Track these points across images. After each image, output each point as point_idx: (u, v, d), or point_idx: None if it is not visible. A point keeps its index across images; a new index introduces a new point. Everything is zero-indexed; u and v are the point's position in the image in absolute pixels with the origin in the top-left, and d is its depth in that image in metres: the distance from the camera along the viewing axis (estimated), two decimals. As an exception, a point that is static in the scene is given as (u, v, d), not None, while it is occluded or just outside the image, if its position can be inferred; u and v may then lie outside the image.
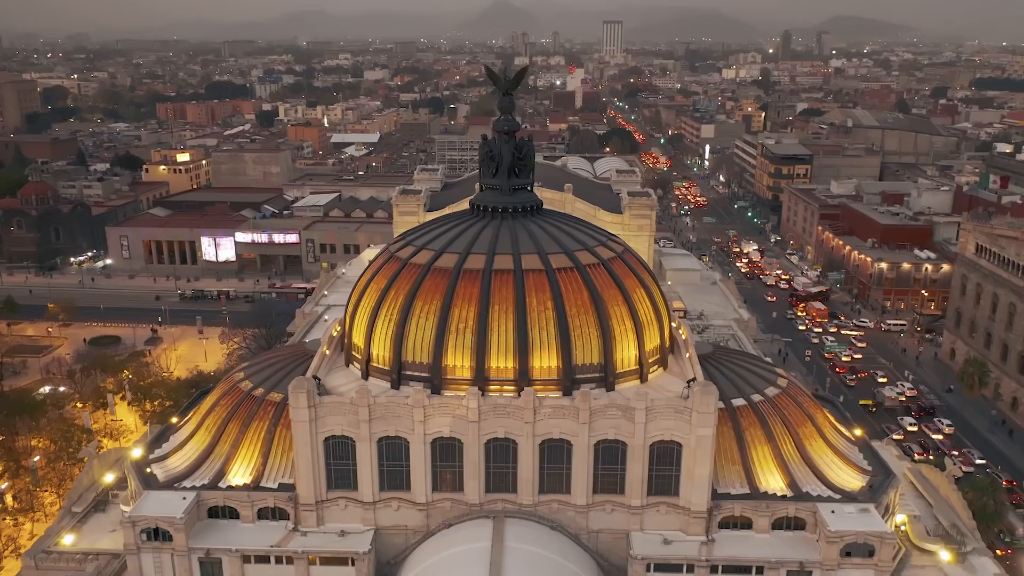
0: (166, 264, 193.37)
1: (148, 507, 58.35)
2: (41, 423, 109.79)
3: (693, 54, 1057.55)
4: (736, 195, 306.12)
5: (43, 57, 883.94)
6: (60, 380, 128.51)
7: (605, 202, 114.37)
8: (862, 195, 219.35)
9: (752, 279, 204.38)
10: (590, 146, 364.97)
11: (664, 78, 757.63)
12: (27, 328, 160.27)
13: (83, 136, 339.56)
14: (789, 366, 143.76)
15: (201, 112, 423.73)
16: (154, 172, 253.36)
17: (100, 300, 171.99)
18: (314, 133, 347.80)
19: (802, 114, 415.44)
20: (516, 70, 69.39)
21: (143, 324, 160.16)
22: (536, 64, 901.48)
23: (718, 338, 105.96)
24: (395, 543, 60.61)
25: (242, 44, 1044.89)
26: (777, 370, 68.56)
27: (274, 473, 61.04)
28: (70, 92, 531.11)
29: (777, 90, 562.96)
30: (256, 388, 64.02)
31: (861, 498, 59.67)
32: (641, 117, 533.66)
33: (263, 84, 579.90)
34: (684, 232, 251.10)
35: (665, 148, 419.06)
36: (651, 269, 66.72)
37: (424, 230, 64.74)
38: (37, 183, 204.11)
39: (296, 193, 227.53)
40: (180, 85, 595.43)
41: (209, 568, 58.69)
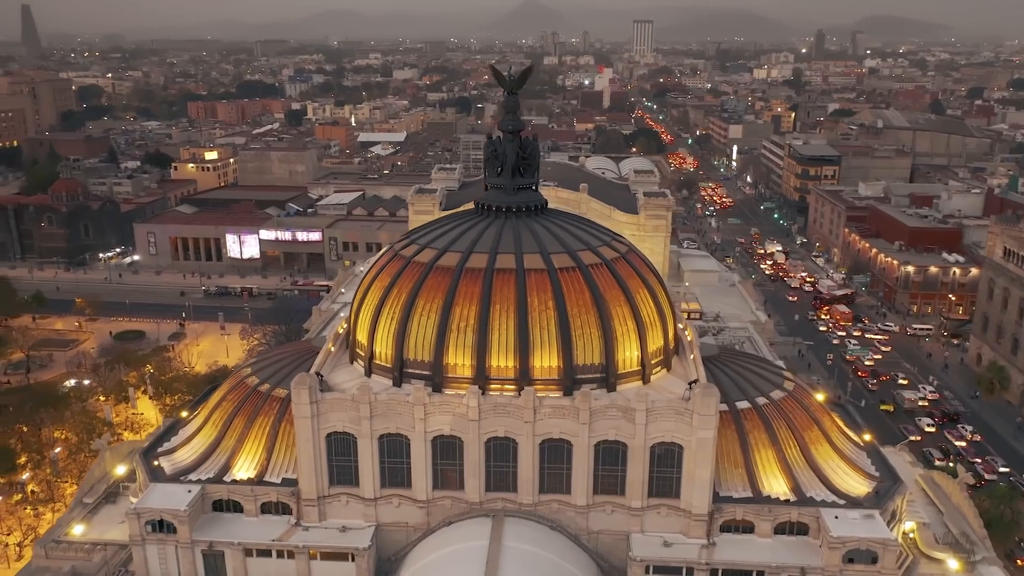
0: (192, 261, 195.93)
1: (153, 499, 59.27)
2: (65, 415, 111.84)
3: (724, 54, 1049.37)
4: (763, 196, 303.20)
5: (80, 56, 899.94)
6: (84, 374, 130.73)
7: (621, 202, 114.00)
8: (890, 197, 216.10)
9: (776, 281, 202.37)
10: (616, 146, 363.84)
11: (694, 78, 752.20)
12: (56, 322, 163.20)
13: (116, 134, 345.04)
14: (810, 369, 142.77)
15: (231, 111, 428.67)
16: (183, 170, 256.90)
17: (126, 296, 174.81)
18: (341, 132, 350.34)
19: (833, 115, 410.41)
20: (522, 70, 68.84)
21: (167, 319, 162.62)
22: (565, 64, 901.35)
23: (733, 340, 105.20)
24: (396, 540, 60.95)
25: (274, 44, 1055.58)
26: (784, 373, 67.85)
27: (278, 468, 61.68)
28: (104, 91, 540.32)
29: (807, 90, 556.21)
30: (262, 384, 64.78)
31: (866, 504, 58.85)
32: (669, 117, 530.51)
33: (293, 83, 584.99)
34: (708, 233, 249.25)
35: (692, 149, 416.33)
36: (656, 270, 66.22)
37: (428, 229, 64.99)
38: (68, 180, 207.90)
39: (320, 191, 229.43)
40: (212, 84, 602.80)
41: (212, 560, 59.46)
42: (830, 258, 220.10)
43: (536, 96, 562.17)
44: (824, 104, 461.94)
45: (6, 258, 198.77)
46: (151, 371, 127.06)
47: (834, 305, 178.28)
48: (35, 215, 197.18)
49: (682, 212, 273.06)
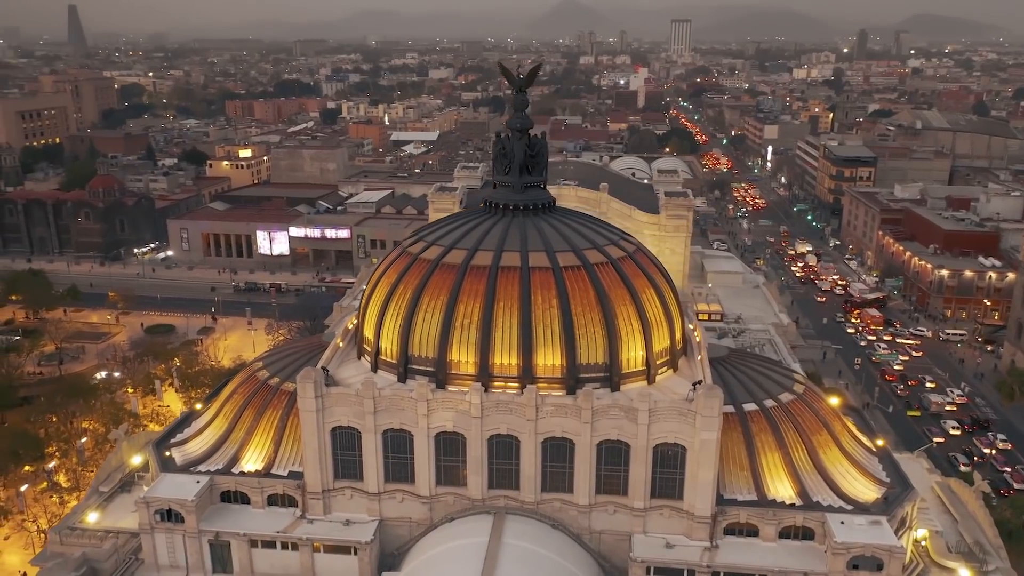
0: (223, 257, 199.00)
1: (162, 489, 60.43)
2: (93, 406, 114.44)
3: (764, 53, 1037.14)
4: (796, 198, 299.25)
5: (124, 56, 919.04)
6: (114, 366, 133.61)
7: (643, 202, 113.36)
8: (927, 199, 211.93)
9: (806, 284, 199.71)
10: (649, 146, 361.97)
11: (732, 78, 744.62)
12: (90, 315, 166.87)
13: (155, 132, 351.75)
14: (835, 373, 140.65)
15: (268, 109, 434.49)
16: (217, 167, 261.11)
17: (158, 290, 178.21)
18: (375, 131, 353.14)
19: (872, 115, 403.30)
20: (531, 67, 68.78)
21: (197, 314, 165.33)
22: (601, 63, 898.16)
23: (753, 343, 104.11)
24: (399, 534, 61.39)
25: (313, 43, 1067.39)
26: (795, 376, 66.98)
27: (285, 461, 62.48)
28: (146, 89, 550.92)
29: (846, 90, 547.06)
30: (272, 377, 65.69)
31: (874, 510, 57.86)
32: (705, 117, 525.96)
33: (330, 83, 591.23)
34: (739, 234, 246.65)
35: (727, 149, 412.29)
36: (664, 270, 65.71)
37: (437, 226, 65.33)
38: (105, 176, 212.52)
39: (351, 190, 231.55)
40: (251, 83, 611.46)
41: (219, 550, 60.45)
42: (863, 261, 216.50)
43: (571, 96, 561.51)
44: (864, 105, 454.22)
45: (45, 252, 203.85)
46: (178, 364, 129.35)
47: (865, 309, 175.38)
48: (73, 210, 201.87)
49: (713, 213, 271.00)
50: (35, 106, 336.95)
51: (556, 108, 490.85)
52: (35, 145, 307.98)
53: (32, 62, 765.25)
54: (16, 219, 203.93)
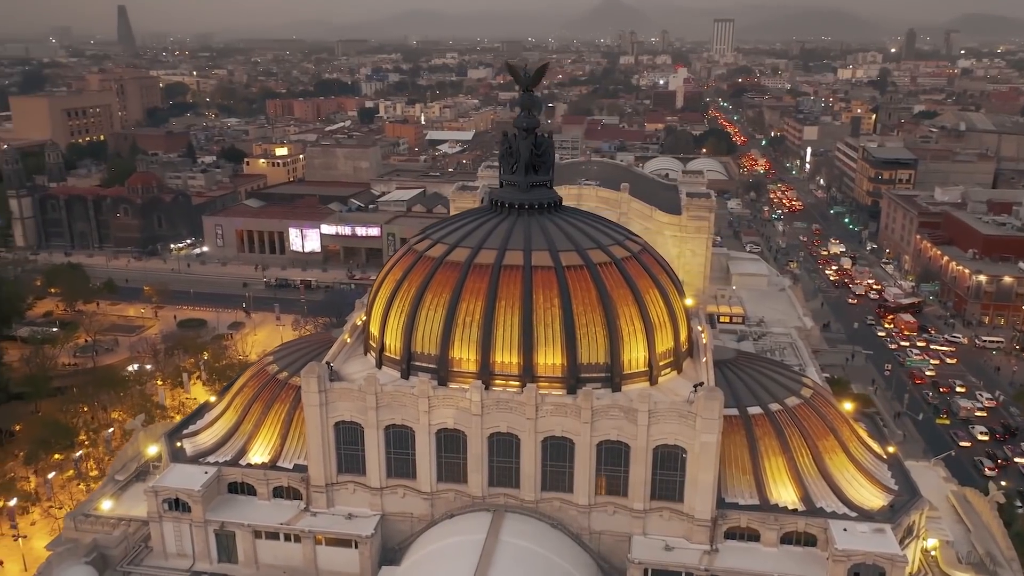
0: (256, 253, 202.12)
1: (171, 479, 61.80)
2: (123, 397, 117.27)
3: (808, 53, 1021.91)
4: (834, 200, 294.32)
5: (171, 55, 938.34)
6: (146, 358, 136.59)
7: (664, 203, 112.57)
8: (967, 203, 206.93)
9: (840, 288, 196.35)
10: (685, 147, 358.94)
11: (774, 78, 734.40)
12: (127, 309, 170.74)
13: (196, 130, 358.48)
14: (866, 378, 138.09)
15: (307, 108, 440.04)
16: (254, 165, 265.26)
17: (192, 285, 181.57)
18: (410, 130, 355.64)
19: (917, 116, 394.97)
20: (538, 66, 68.91)
21: (229, 309, 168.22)
22: (641, 63, 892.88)
23: (774, 346, 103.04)
24: (401, 529, 61.94)
25: (355, 43, 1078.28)
26: (804, 380, 66.06)
27: (291, 454, 63.44)
28: (190, 88, 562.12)
29: (889, 91, 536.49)
30: (281, 372, 66.75)
31: (879, 518, 56.86)
32: (744, 118, 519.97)
33: (369, 82, 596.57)
34: (774, 237, 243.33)
35: (765, 150, 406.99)
36: (671, 270, 65.36)
37: (444, 225, 65.79)
38: (143, 173, 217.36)
39: (383, 188, 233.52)
40: (292, 83, 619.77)
41: (224, 540, 61.61)
42: (900, 265, 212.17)
43: (609, 96, 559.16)
44: (909, 106, 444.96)
45: (85, 246, 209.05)
46: (206, 358, 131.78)
47: (899, 314, 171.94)
48: (112, 206, 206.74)
49: (747, 215, 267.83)
50: (81, 104, 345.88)
51: (593, 108, 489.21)
52: (80, 142, 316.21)
53: (82, 61, 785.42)
54: (58, 214, 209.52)
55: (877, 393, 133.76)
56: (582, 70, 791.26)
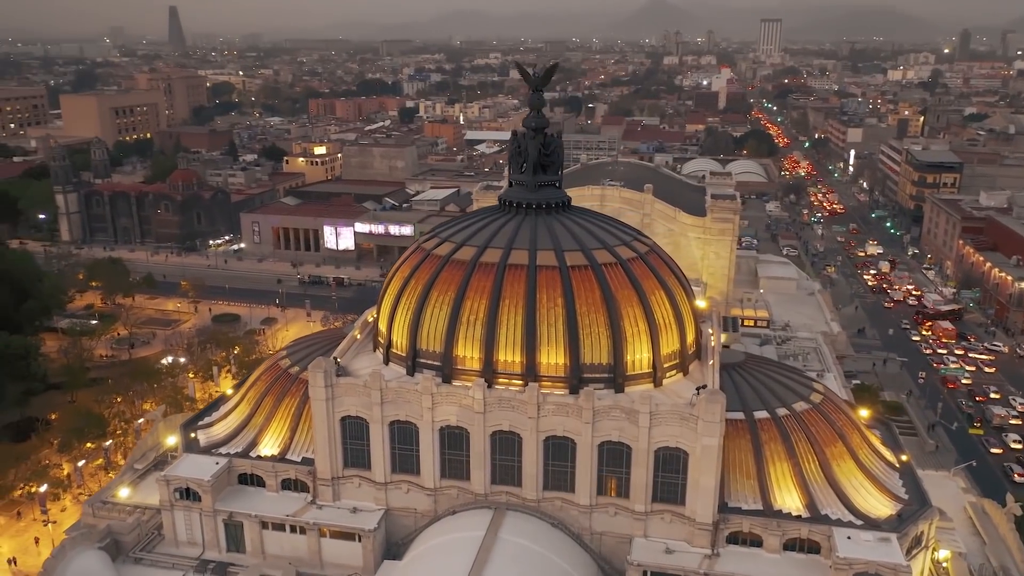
0: (291, 250, 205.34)
1: (183, 468, 63.29)
2: (156, 389, 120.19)
3: (858, 54, 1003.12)
4: (876, 204, 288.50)
5: (219, 55, 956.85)
6: (179, 352, 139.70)
7: (689, 204, 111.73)
8: (1014, 208, 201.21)
9: (878, 293, 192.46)
10: (725, 148, 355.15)
11: (821, 79, 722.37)
12: (167, 303, 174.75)
13: (240, 128, 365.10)
14: (897, 385, 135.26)
15: (349, 108, 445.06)
16: (293, 163, 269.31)
17: (228, 280, 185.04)
18: (449, 130, 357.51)
19: (967, 119, 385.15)
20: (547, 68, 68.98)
21: (263, 304, 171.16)
22: (685, 63, 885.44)
23: (797, 351, 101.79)
24: (405, 524, 62.56)
25: (399, 43, 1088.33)
26: (814, 385, 65.05)
27: (299, 447, 64.50)
28: (235, 87, 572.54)
29: (938, 93, 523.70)
30: (293, 366, 67.84)
31: (885, 527, 55.83)
32: (788, 119, 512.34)
33: (412, 82, 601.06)
34: (812, 240, 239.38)
35: (808, 152, 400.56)
36: (680, 272, 64.86)
37: (453, 224, 66.31)
38: (184, 170, 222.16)
39: (417, 187, 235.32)
40: (336, 82, 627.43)
41: (232, 530, 62.90)
42: (942, 271, 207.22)
43: (651, 96, 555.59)
44: (960, 108, 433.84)
45: (128, 242, 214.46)
46: (237, 352, 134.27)
47: (937, 321, 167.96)
48: (153, 202, 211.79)
49: (786, 218, 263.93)
50: (128, 103, 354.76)
51: (634, 109, 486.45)
52: (127, 140, 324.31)
53: (133, 61, 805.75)
54: (102, 210, 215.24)
55: (911, 401, 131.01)
56: (624, 70, 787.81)
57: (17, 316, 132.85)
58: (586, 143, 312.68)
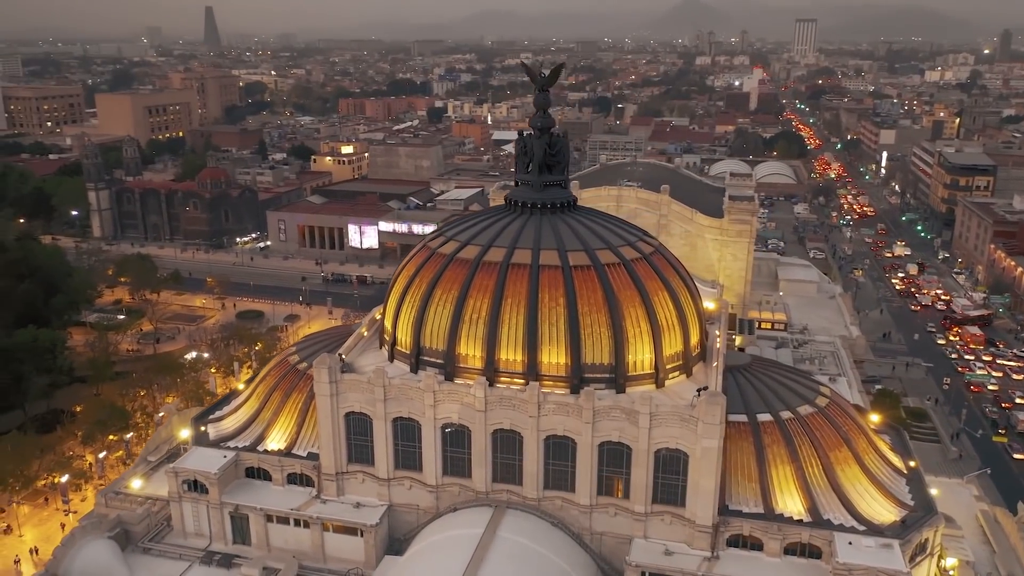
0: (316, 248, 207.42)
1: (191, 461, 64.44)
2: (178, 384, 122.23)
3: (895, 55, 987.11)
4: (907, 206, 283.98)
5: (253, 55, 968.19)
6: (203, 347, 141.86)
7: (707, 205, 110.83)
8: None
9: (906, 297, 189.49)
10: (754, 149, 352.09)
11: (856, 80, 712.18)
12: (194, 299, 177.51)
13: (271, 128, 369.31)
14: (922, 391, 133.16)
15: (378, 107, 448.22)
16: (321, 162, 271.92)
17: (253, 278, 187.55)
18: (477, 130, 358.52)
19: (1005, 121, 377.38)
20: (553, 67, 69.07)
21: (286, 302, 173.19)
22: (718, 64, 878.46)
23: (814, 354, 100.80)
24: (408, 520, 63.07)
25: (431, 43, 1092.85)
26: (821, 388, 64.38)
27: (305, 442, 65.32)
28: (267, 87, 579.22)
29: (974, 94, 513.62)
30: (301, 362, 68.68)
31: (888, 533, 55.17)
32: (821, 120, 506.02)
33: (442, 82, 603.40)
34: (840, 243, 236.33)
35: (840, 154, 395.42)
36: (685, 273, 64.57)
37: (460, 223, 66.70)
38: (213, 169, 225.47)
39: (442, 187, 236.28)
40: (367, 82, 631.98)
41: (238, 522, 63.88)
42: (972, 276, 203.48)
43: (681, 97, 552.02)
44: (998, 110, 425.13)
45: (157, 238, 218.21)
46: (258, 348, 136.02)
47: (965, 326, 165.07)
48: (182, 200, 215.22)
49: (814, 220, 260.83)
50: (161, 101, 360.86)
51: (664, 109, 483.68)
52: (160, 138, 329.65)
53: (169, 60, 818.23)
54: (133, 207, 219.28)
55: (938, 407, 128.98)
56: (656, 71, 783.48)
57: (46, 310, 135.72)
58: (612, 143, 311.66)
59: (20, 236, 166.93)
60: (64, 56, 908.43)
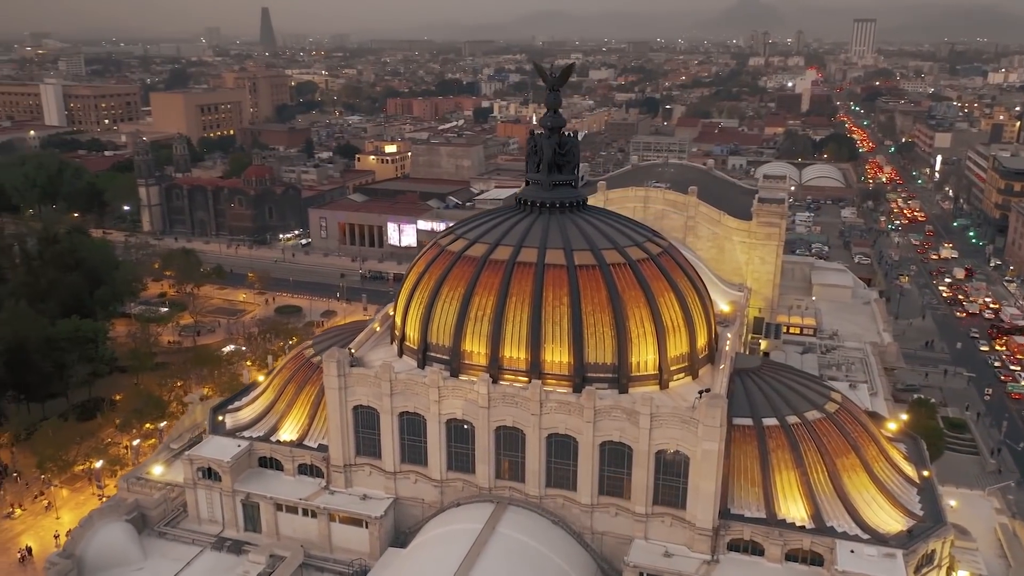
0: (356, 246, 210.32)
1: (206, 449, 66.26)
2: (214, 376, 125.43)
3: (958, 56, 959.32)
4: (960, 212, 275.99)
5: (307, 55, 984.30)
6: (240, 340, 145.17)
7: (737, 208, 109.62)
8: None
9: (952, 304, 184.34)
10: (803, 151, 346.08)
11: (916, 81, 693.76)
12: (237, 293, 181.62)
13: (319, 127, 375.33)
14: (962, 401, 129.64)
15: (425, 107, 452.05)
16: (364, 161, 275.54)
17: (293, 274, 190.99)
18: (521, 130, 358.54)
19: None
20: (564, 66, 69.18)
21: (324, 298, 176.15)
22: (772, 65, 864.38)
23: (842, 360, 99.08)
24: (413, 514, 63.93)
25: (482, 44, 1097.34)
26: (832, 394, 63.32)
27: (316, 434, 66.65)
28: (319, 87, 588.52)
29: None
30: (316, 356, 70.05)
31: (893, 542, 54.14)
32: (875, 123, 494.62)
33: (490, 82, 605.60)
34: (887, 248, 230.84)
35: (893, 157, 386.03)
36: (695, 274, 64.07)
37: (471, 221, 67.31)
38: (258, 166, 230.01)
39: (482, 186, 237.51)
40: (416, 82, 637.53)
41: (250, 510, 65.50)
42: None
43: (731, 98, 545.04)
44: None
45: (204, 234, 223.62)
46: (293, 342, 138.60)
47: (1013, 336, 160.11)
48: (228, 196, 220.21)
49: (861, 224, 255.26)
50: (213, 100, 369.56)
51: (713, 111, 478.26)
52: (211, 136, 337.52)
53: (225, 60, 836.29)
54: (181, 202, 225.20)
55: (980, 419, 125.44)
56: (707, 71, 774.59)
57: (91, 302, 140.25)
58: (656, 144, 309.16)
59: (71, 229, 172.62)
60: (125, 56, 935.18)
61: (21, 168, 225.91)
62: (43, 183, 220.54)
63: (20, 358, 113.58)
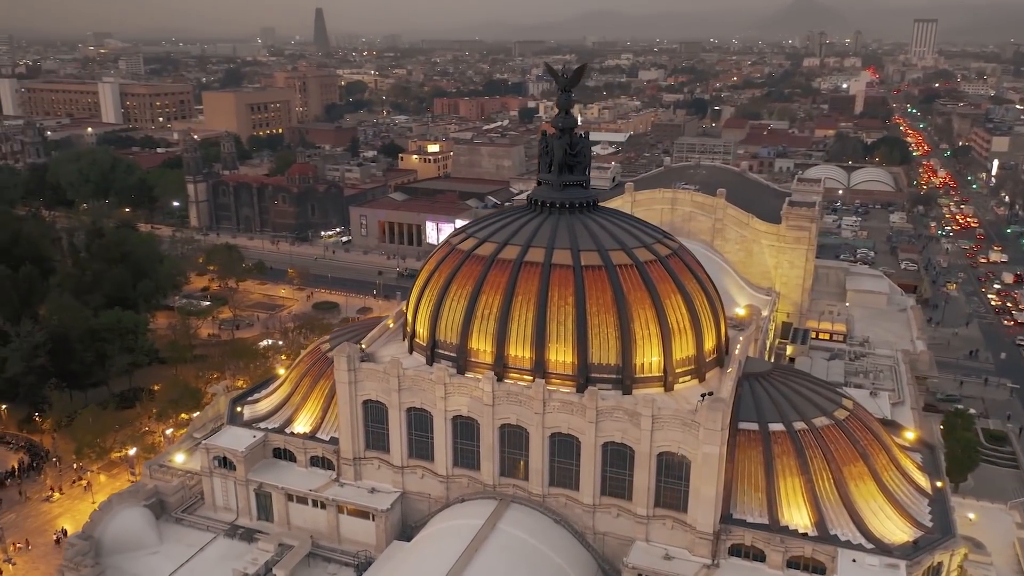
0: (395, 244, 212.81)
1: (223, 439, 68.13)
2: (249, 368, 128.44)
3: (1023, 57, 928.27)
4: (1015, 218, 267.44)
5: (359, 55, 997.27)
6: (276, 335, 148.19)
7: (766, 211, 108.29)
8: None
9: (1001, 313, 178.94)
10: (854, 154, 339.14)
11: (977, 83, 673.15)
12: (278, 289, 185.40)
13: (366, 126, 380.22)
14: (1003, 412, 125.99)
15: (472, 107, 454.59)
16: (407, 160, 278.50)
17: (332, 270, 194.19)
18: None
19: None
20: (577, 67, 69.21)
21: (361, 294, 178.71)
22: (827, 66, 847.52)
23: (870, 368, 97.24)
24: (420, 508, 64.82)
25: (532, 44, 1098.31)
26: (843, 401, 62.31)
27: (329, 427, 68.01)
28: (368, 87, 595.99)
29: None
30: (331, 350, 71.31)
31: (897, 553, 53.15)
32: (931, 126, 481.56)
33: (538, 83, 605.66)
34: (936, 255, 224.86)
35: (948, 161, 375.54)
36: (705, 276, 63.61)
37: (483, 221, 67.90)
38: (302, 164, 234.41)
39: (521, 186, 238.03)
40: (464, 82, 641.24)
41: (263, 499, 67.15)
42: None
43: (783, 99, 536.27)
44: None
45: (249, 230, 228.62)
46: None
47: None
48: (272, 194, 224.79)
49: (910, 230, 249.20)
50: (263, 99, 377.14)
51: (763, 112, 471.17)
52: (260, 135, 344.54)
53: (279, 60, 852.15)
54: (227, 199, 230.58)
55: (1022, 433, 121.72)
56: (760, 72, 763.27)
57: (134, 294, 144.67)
58: (701, 146, 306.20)
59: (119, 224, 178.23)
60: (183, 55, 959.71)
61: (76, 164, 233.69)
62: (96, 179, 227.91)
63: (64, 347, 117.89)
